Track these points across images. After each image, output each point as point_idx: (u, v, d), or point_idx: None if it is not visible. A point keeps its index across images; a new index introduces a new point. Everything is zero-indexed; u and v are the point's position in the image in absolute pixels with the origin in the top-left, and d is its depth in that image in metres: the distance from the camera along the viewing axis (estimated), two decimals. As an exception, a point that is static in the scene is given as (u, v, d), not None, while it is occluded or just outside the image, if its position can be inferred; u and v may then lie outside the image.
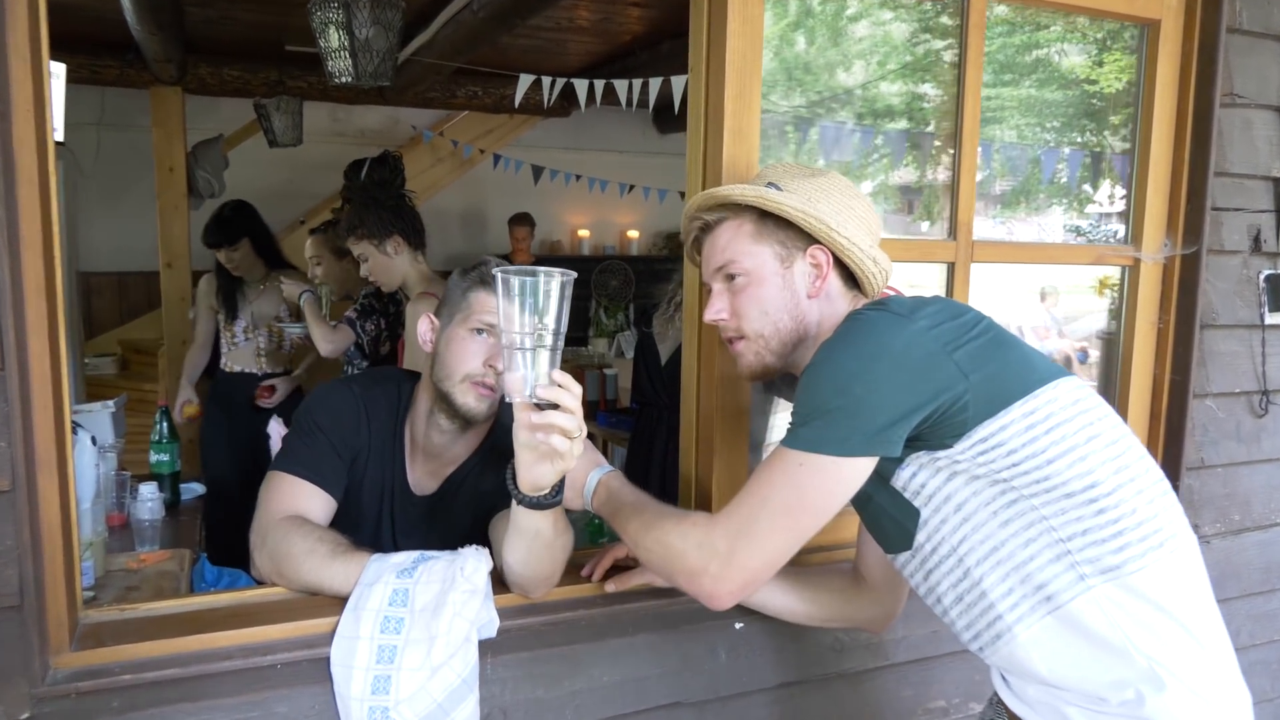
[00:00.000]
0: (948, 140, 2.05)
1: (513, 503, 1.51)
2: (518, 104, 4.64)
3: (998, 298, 2.24)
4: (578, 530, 4.63)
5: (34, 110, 1.35)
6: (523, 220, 7.11)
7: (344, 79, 3.47)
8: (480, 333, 1.74)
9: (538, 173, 6.20)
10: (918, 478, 1.38)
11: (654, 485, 3.42)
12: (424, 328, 1.83)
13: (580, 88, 4.25)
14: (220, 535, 3.87)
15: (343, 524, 1.77)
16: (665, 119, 8.13)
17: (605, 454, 2.96)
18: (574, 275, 1.34)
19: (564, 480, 1.47)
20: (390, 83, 3.54)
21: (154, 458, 3.17)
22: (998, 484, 1.33)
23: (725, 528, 1.37)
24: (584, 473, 1.61)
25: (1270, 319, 2.31)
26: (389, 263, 3.27)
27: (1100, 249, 2.24)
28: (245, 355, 4.13)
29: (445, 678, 1.50)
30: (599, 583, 1.76)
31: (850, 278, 1.55)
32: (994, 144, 2.30)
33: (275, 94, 5.94)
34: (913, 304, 1.38)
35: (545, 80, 4.31)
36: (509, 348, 1.33)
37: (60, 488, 1.42)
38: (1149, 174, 2.19)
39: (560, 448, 1.37)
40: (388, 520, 1.90)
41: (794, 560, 1.40)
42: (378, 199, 3.40)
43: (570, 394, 1.35)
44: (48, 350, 1.39)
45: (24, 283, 1.35)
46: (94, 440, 2.37)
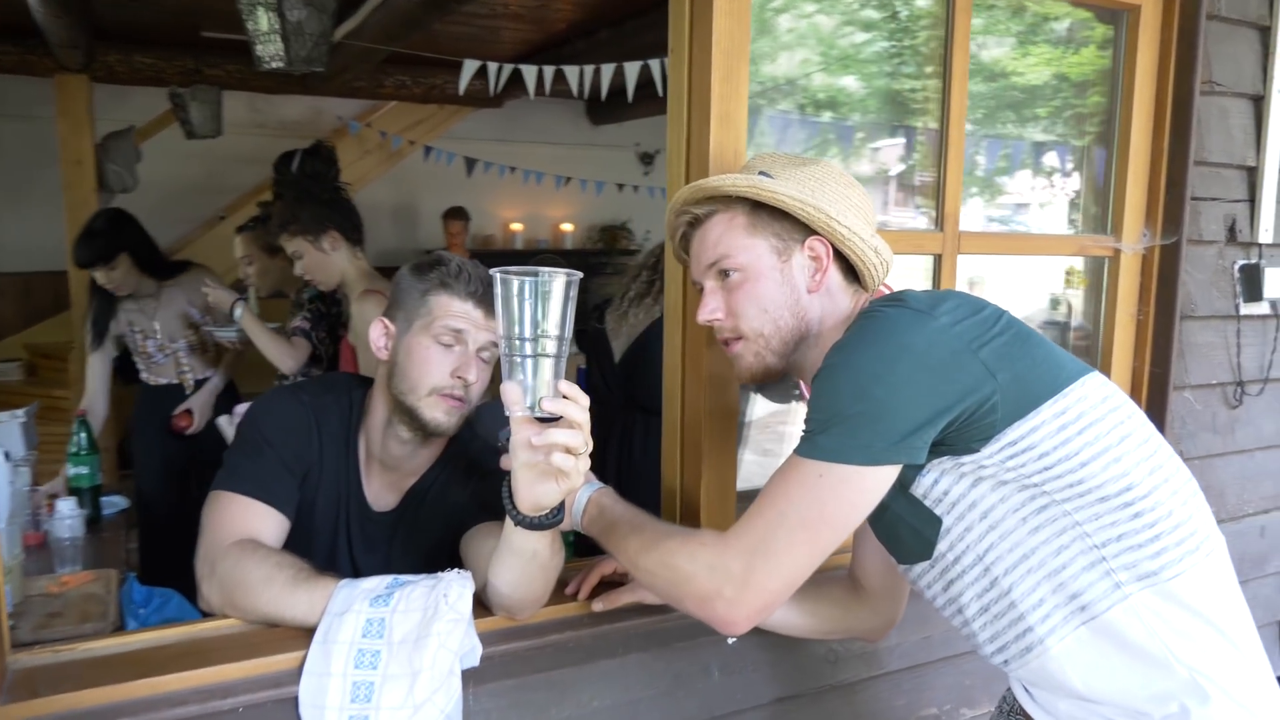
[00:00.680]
0: (934, 131, 1.98)
1: (506, 522, 1.39)
2: (462, 91, 4.44)
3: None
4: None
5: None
6: (457, 214, 6.91)
7: (274, 64, 3.27)
8: (446, 340, 1.62)
9: (471, 165, 6.03)
10: (940, 484, 1.29)
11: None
12: (377, 333, 1.68)
13: (528, 74, 4.08)
14: (154, 552, 3.65)
15: (293, 545, 1.62)
16: (598, 110, 8.00)
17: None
18: (579, 275, 1.22)
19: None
20: (324, 68, 3.36)
21: (72, 471, 2.97)
22: (1027, 489, 1.24)
23: (739, 547, 1.26)
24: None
25: (1245, 309, 2.30)
26: (326, 260, 3.08)
27: (1082, 240, 2.20)
28: (167, 369, 3.83)
29: (428, 716, 1.36)
30: (586, 601, 1.64)
31: (849, 270, 1.46)
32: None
33: (191, 83, 5.67)
34: (931, 299, 1.29)
35: (491, 66, 4.14)
36: (508, 355, 1.22)
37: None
38: (1129, 163, 2.14)
39: (565, 466, 1.25)
40: (344, 539, 1.76)
41: None
42: (312, 192, 3.19)
43: (578, 407, 1.23)
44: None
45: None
46: (6, 455, 2.18)
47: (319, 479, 1.71)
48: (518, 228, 8.01)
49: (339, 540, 1.75)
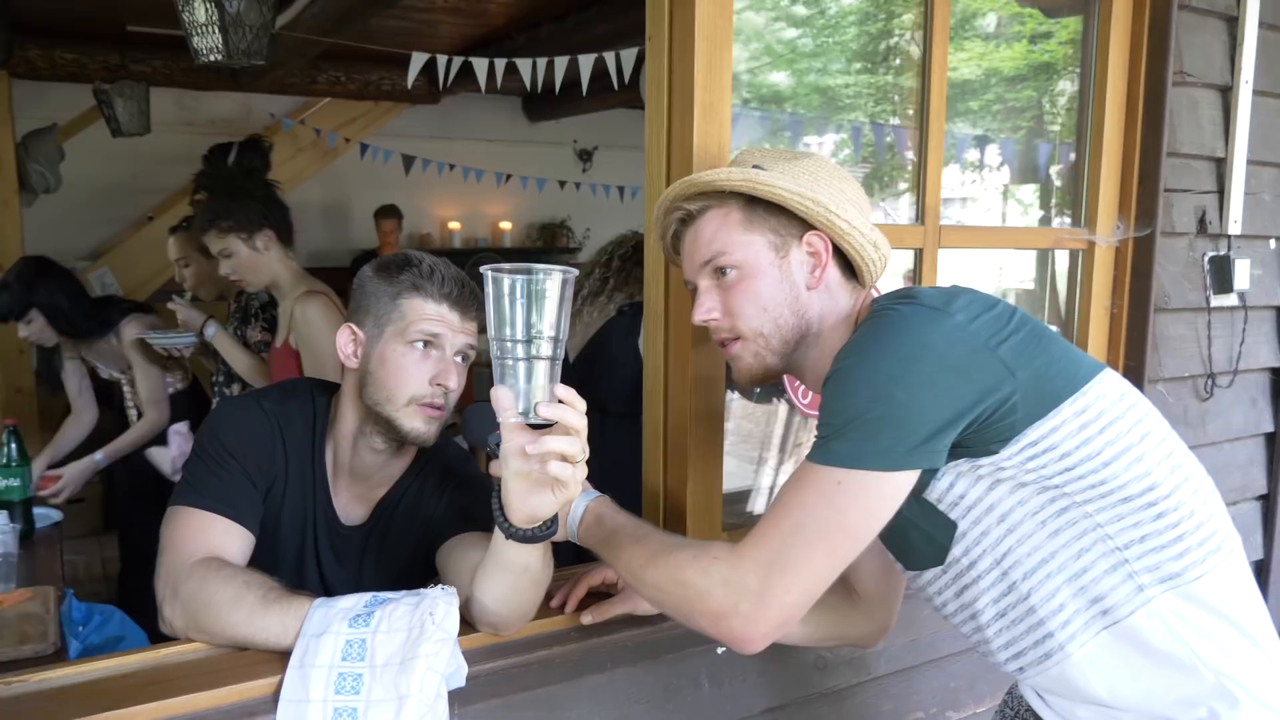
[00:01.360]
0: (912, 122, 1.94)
1: (495, 534, 1.31)
2: (410, 84, 4.32)
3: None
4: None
5: None
6: (389, 212, 6.74)
7: (213, 58, 3.12)
8: (422, 346, 1.53)
9: (409, 162, 5.88)
10: (956, 488, 1.24)
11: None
12: (344, 340, 1.58)
13: (479, 67, 3.97)
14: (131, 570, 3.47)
15: (258, 563, 1.52)
16: (535, 107, 7.89)
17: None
18: (575, 272, 1.15)
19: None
20: (265, 61, 3.22)
21: (3, 483, 2.79)
22: (1047, 491, 1.20)
23: (755, 559, 1.19)
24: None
25: (1215, 301, 2.30)
26: (258, 260, 2.91)
27: (1057, 232, 2.18)
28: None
29: (416, 741, 1.28)
30: (574, 614, 1.56)
31: (847, 266, 1.40)
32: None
33: (117, 79, 5.44)
34: (943, 295, 1.24)
35: (440, 59, 4.02)
36: (500, 358, 1.15)
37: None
38: (1102, 155, 2.13)
39: (562, 475, 1.18)
40: (312, 555, 1.66)
41: None
42: (246, 188, 3.00)
43: (576, 412, 1.16)
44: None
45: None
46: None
47: (284, 492, 1.62)
48: (455, 226, 7.86)
49: (306, 556, 1.66)
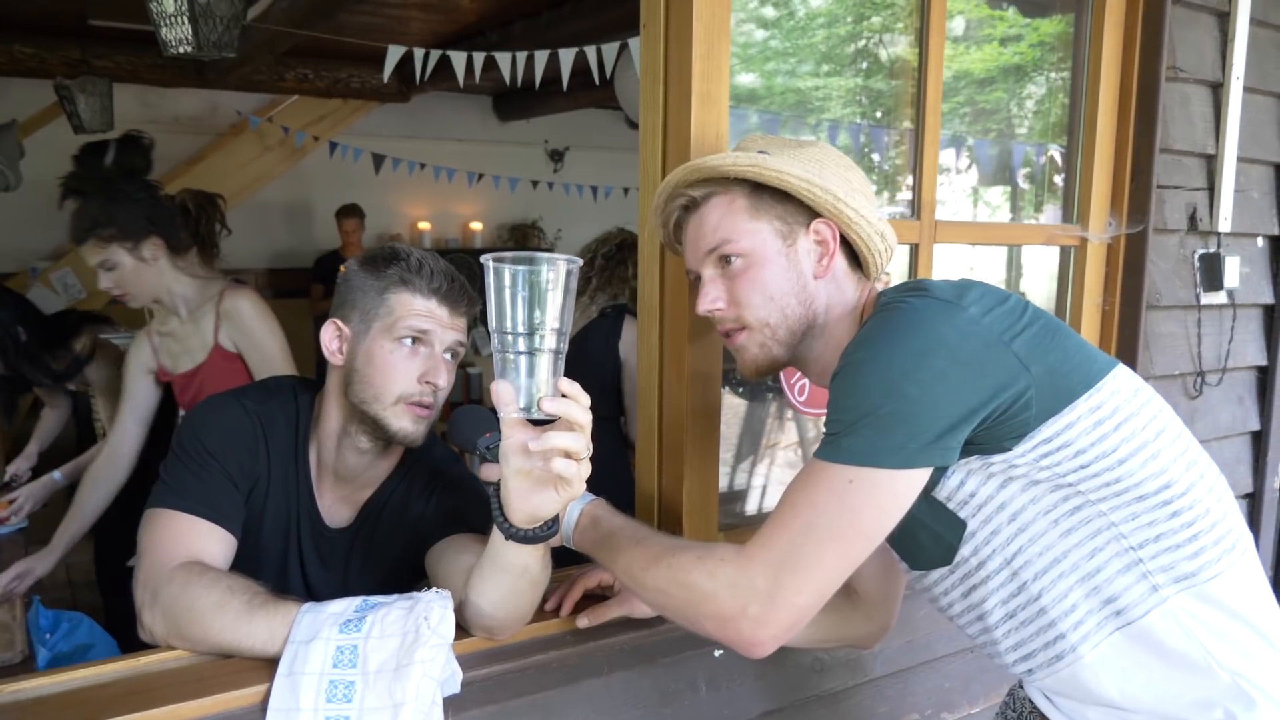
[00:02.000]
0: (909, 117, 1.91)
1: (493, 535, 1.26)
2: (386, 79, 4.24)
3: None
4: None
5: None
6: (351, 212, 6.64)
7: (182, 50, 3.04)
8: (410, 342, 1.48)
9: (379, 161, 5.79)
10: (966, 486, 1.21)
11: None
12: (328, 336, 1.53)
13: (458, 61, 3.91)
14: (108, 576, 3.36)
15: (240, 566, 1.47)
16: (506, 106, 7.82)
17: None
18: (579, 262, 1.11)
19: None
20: (235, 53, 3.14)
21: (-43, 500, 2.71)
22: (1061, 489, 1.17)
23: (764, 561, 1.15)
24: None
25: (1205, 299, 2.29)
26: (145, 271, 2.57)
27: (1051, 229, 2.16)
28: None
29: (411, 751, 1.23)
30: (569, 617, 1.52)
31: (853, 256, 1.37)
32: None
33: (78, 74, 5.31)
34: (955, 288, 1.21)
35: (417, 53, 3.95)
36: (500, 352, 1.10)
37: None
38: (1095, 151, 2.11)
39: (567, 473, 1.13)
40: (295, 558, 1.61)
41: None
42: (127, 191, 2.61)
43: (580, 407, 1.12)
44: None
45: None
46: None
47: (266, 493, 1.56)
48: (426, 227, 7.77)
49: (290, 559, 1.60)
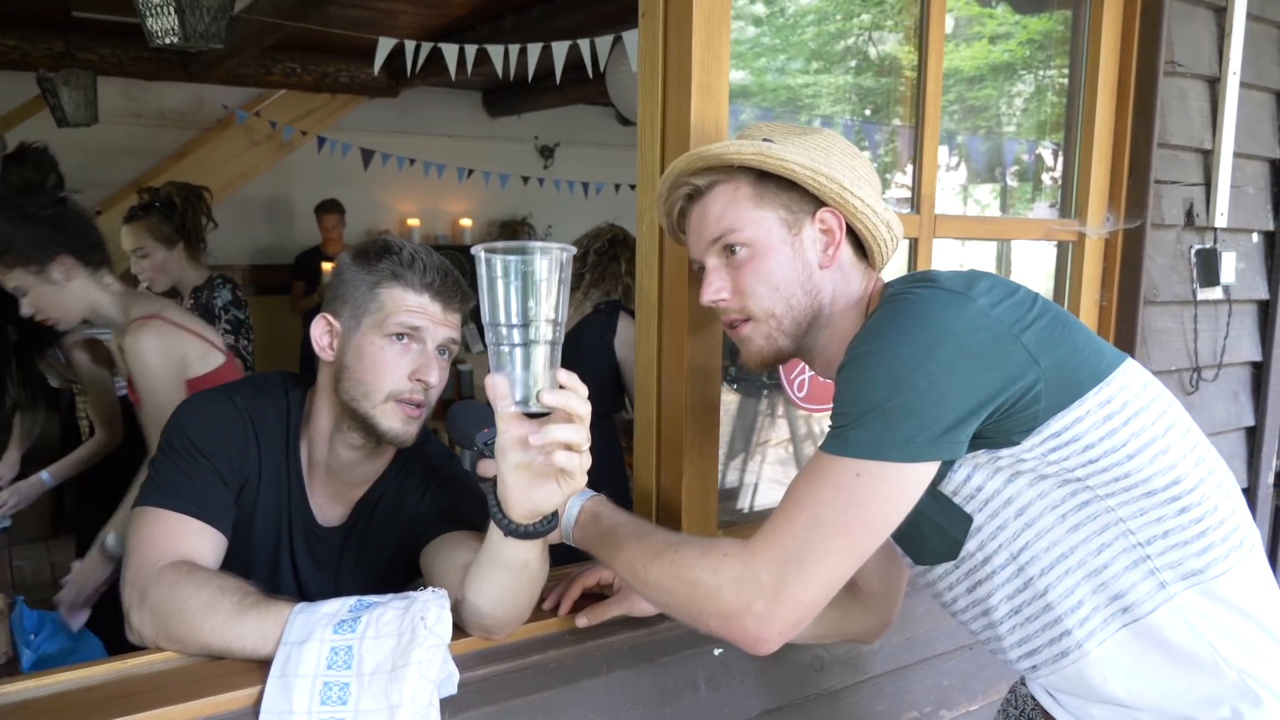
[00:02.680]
0: (909, 110, 1.89)
1: (491, 532, 1.23)
2: (376, 71, 4.19)
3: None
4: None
5: None
6: (331, 207, 6.57)
7: (168, 40, 3.00)
8: (401, 338, 1.45)
9: (367, 157, 5.74)
10: (973, 480, 1.19)
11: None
12: (319, 332, 1.50)
13: (449, 53, 3.87)
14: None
15: (230, 565, 1.44)
16: (496, 102, 7.78)
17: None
18: (573, 250, 1.09)
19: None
20: (223, 45, 3.10)
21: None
22: (1069, 484, 1.15)
23: (768, 556, 1.13)
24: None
25: (1201, 294, 2.28)
26: (59, 294, 2.38)
27: (1048, 224, 2.14)
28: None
29: (408, 754, 1.20)
30: (568, 616, 1.49)
31: (859, 246, 1.35)
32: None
33: (61, 67, 5.25)
34: (964, 279, 1.19)
35: (409, 45, 3.91)
36: (495, 345, 1.08)
37: None
38: (1093, 146, 2.10)
39: (569, 465, 1.11)
40: (287, 557, 1.58)
41: None
42: (24, 210, 2.38)
43: (579, 398, 1.10)
44: None
45: None
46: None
47: (257, 491, 1.53)
48: (415, 223, 7.71)
49: (281, 558, 1.57)
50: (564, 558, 1.63)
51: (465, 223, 7.94)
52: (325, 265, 6.27)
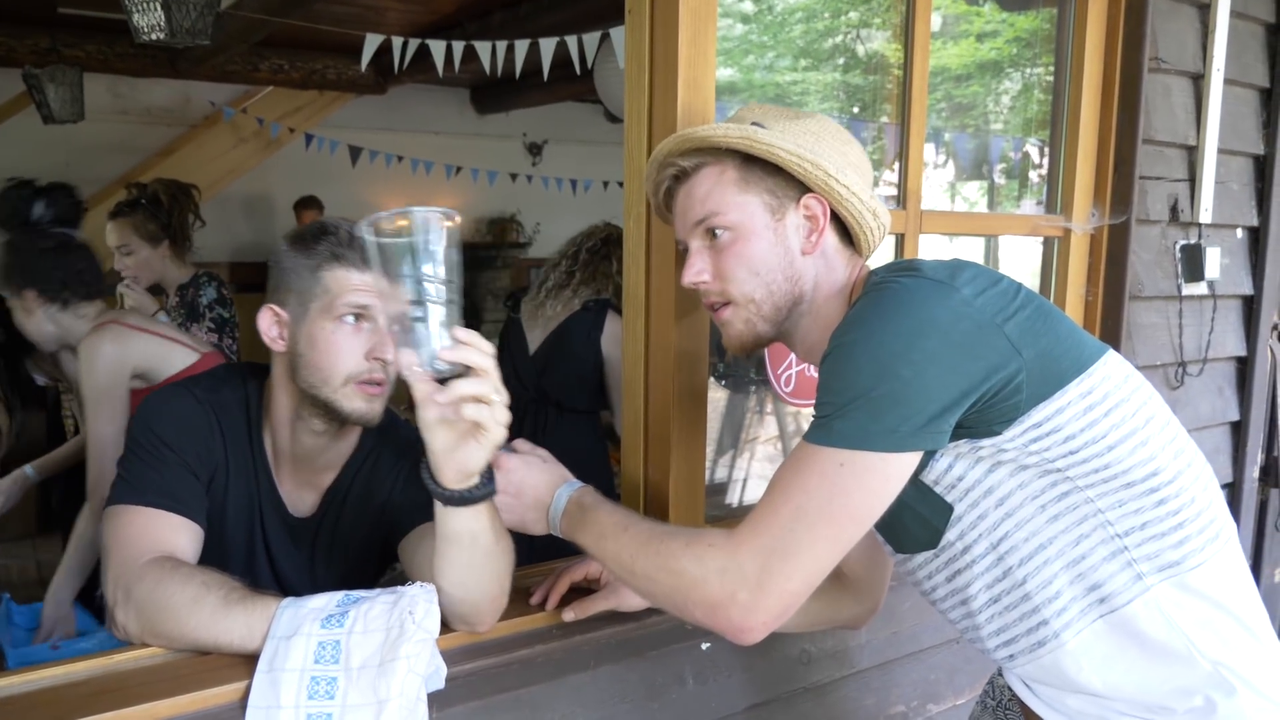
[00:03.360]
0: (896, 107, 1.90)
1: (435, 509, 1.24)
2: (364, 67, 4.18)
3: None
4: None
5: None
6: (310, 203, 6.54)
7: (154, 36, 2.99)
8: (352, 320, 1.43)
9: (355, 154, 5.73)
10: (954, 470, 1.20)
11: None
12: (266, 323, 1.49)
13: (437, 50, 3.86)
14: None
15: (205, 558, 1.44)
16: (484, 99, 7.77)
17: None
18: (455, 214, 1.14)
19: (492, 466, 1.24)
20: (209, 41, 3.09)
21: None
22: (1049, 474, 1.16)
23: (753, 546, 1.14)
24: (548, 490, 1.36)
25: (1186, 290, 2.29)
26: (27, 320, 2.48)
27: (1035, 219, 2.15)
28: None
29: (395, 748, 1.20)
30: (555, 611, 1.49)
31: (845, 234, 1.35)
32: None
33: (47, 63, 5.23)
34: (948, 268, 1.19)
35: (395, 41, 3.90)
36: (395, 320, 1.14)
37: None
38: (1078, 141, 2.11)
39: (480, 417, 1.14)
40: (261, 547, 1.58)
41: None
42: (12, 243, 2.50)
43: (480, 351, 1.13)
44: None
45: None
46: None
47: (226, 483, 1.53)
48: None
49: (256, 548, 1.58)
50: (552, 553, 1.63)
51: (454, 220, 7.92)
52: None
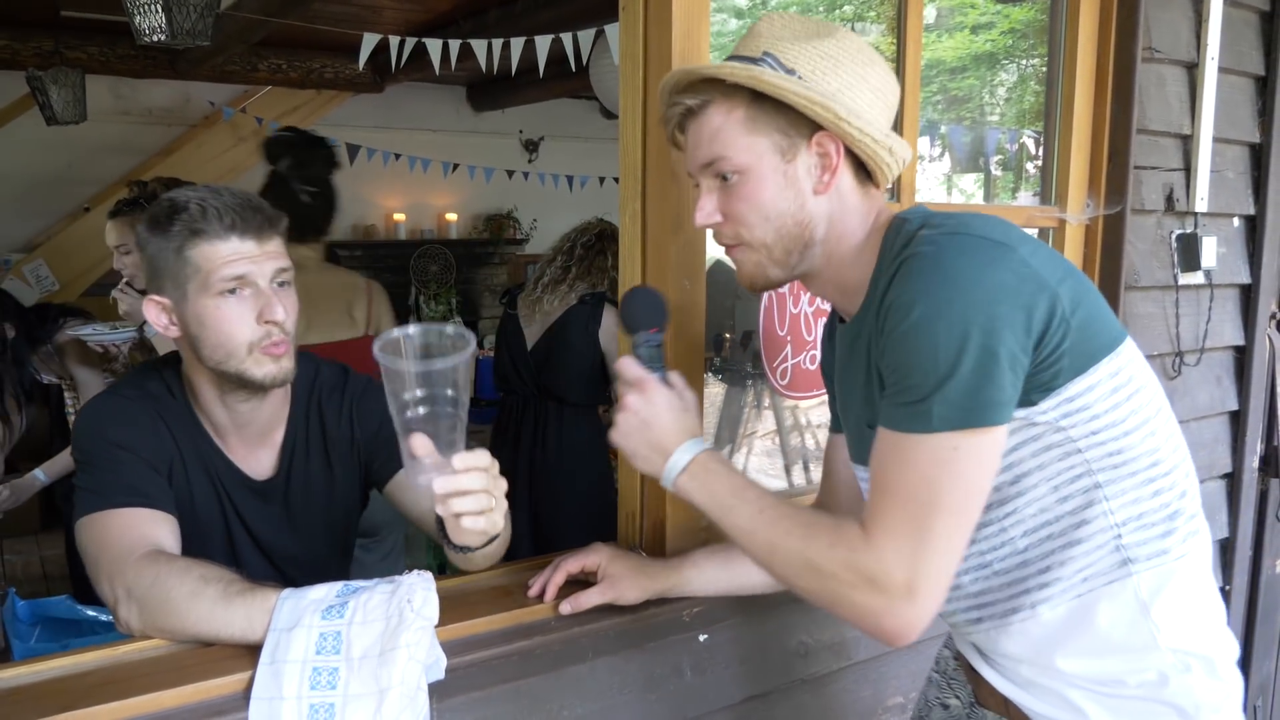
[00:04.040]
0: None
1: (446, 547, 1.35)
2: (361, 66, 4.20)
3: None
4: (419, 549, 4.17)
5: None
6: (310, 202, 6.59)
7: (155, 37, 3.00)
8: (232, 291, 1.43)
9: (353, 152, 5.74)
10: None
11: (522, 480, 3.16)
12: (154, 314, 1.49)
13: (433, 48, 3.87)
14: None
15: (187, 548, 1.46)
16: (480, 97, 7.78)
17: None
18: (473, 345, 1.20)
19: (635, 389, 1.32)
20: (209, 42, 3.10)
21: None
22: (1069, 456, 1.15)
23: (897, 552, 1.11)
24: (675, 438, 1.30)
25: (1182, 279, 2.30)
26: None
27: (1029, 211, 2.16)
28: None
29: (396, 738, 1.22)
30: (552, 604, 1.51)
31: (861, 167, 1.29)
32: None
33: (50, 65, 5.26)
34: (1000, 227, 1.16)
35: (393, 40, 3.91)
36: (430, 408, 1.18)
37: None
38: (1072, 132, 2.11)
39: (477, 522, 1.25)
40: (236, 521, 1.61)
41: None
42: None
43: (471, 477, 1.21)
44: None
45: None
46: None
47: (185, 470, 1.56)
48: (400, 218, 7.72)
49: (231, 524, 1.61)
50: (551, 545, 1.65)
51: (450, 217, 7.94)
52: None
